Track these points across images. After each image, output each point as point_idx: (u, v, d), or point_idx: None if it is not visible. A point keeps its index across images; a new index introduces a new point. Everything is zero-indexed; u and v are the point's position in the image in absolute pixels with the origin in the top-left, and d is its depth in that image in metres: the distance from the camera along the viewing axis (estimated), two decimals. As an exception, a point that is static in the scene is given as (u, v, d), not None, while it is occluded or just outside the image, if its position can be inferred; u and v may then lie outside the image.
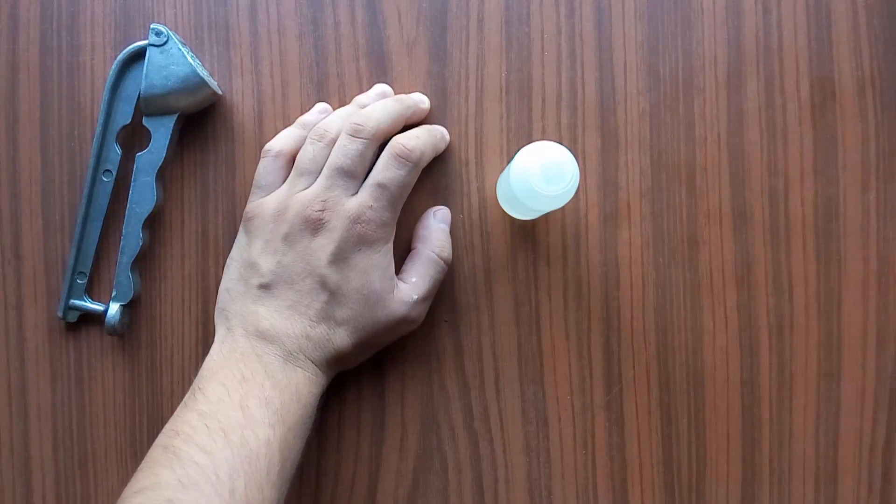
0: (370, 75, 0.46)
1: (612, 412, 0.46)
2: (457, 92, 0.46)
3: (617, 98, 0.46)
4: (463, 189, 0.46)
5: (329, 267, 0.40)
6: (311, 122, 0.44)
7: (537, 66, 0.46)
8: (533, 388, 0.46)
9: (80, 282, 0.46)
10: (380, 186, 0.41)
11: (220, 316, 0.42)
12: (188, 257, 0.47)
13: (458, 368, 0.46)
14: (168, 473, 0.34)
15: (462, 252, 0.46)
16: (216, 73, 0.47)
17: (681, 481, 0.46)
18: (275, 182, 0.43)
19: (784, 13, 0.46)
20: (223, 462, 0.35)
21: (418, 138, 0.43)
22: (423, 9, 0.46)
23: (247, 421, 0.36)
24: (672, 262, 0.46)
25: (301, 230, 0.41)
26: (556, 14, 0.46)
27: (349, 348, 0.41)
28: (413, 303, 0.42)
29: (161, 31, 0.43)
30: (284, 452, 0.37)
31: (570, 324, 0.46)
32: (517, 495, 0.46)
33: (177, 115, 0.45)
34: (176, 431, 0.36)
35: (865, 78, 0.45)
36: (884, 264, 0.45)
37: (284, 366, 0.40)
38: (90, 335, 0.47)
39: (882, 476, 0.45)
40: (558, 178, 0.38)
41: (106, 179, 0.46)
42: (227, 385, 0.38)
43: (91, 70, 0.47)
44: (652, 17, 0.46)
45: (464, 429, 0.46)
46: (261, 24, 0.46)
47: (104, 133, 0.45)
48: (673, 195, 0.46)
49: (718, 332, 0.46)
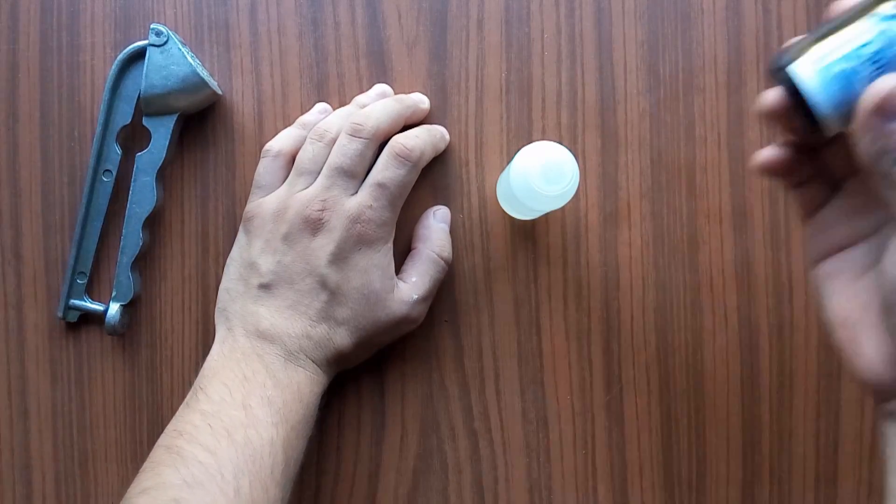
0: (370, 75, 0.46)
1: (612, 412, 0.46)
2: (457, 92, 0.46)
3: (617, 98, 0.46)
4: (463, 189, 0.46)
5: (329, 266, 0.40)
6: (311, 122, 0.44)
7: (537, 66, 0.46)
8: (533, 388, 0.46)
9: (80, 282, 0.46)
10: (379, 186, 0.41)
11: (221, 316, 0.42)
12: (188, 257, 0.47)
13: (458, 368, 0.46)
14: (172, 473, 0.34)
15: (462, 252, 0.46)
16: (216, 73, 0.47)
17: (681, 481, 0.46)
18: (275, 182, 0.43)
19: (784, 13, 0.46)
20: (228, 461, 0.35)
21: (418, 138, 0.43)
22: (423, 9, 0.46)
23: (250, 420, 0.36)
24: (672, 262, 0.46)
25: (301, 230, 0.41)
26: (556, 14, 0.46)
27: (349, 348, 0.41)
28: (413, 302, 0.42)
29: (161, 31, 0.43)
30: (288, 451, 0.37)
31: (570, 324, 0.46)
32: (517, 495, 0.46)
33: (177, 115, 0.45)
34: (179, 431, 0.36)
35: (865, 78, 0.45)
36: (884, 264, 0.45)
37: (286, 365, 0.40)
38: (90, 335, 0.47)
39: (882, 476, 0.45)
40: (558, 177, 0.38)
41: (106, 179, 0.46)
42: (228, 385, 0.38)
43: (91, 70, 0.47)
44: (652, 17, 0.46)
45: (464, 429, 0.46)
46: (261, 24, 0.47)
47: (104, 133, 0.45)
48: (673, 195, 0.46)
49: (718, 333, 0.46)
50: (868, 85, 0.28)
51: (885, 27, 0.29)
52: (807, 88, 0.29)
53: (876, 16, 0.29)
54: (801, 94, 0.29)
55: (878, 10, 0.29)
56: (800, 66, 0.30)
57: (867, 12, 0.29)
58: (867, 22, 0.29)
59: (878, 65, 0.29)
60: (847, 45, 0.29)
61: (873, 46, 0.29)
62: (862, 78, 0.29)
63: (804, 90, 0.29)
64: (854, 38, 0.29)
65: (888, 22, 0.29)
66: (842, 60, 0.29)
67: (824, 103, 0.29)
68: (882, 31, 0.29)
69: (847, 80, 0.29)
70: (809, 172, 0.34)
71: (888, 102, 0.27)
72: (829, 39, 0.30)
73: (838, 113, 0.29)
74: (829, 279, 0.33)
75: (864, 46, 0.29)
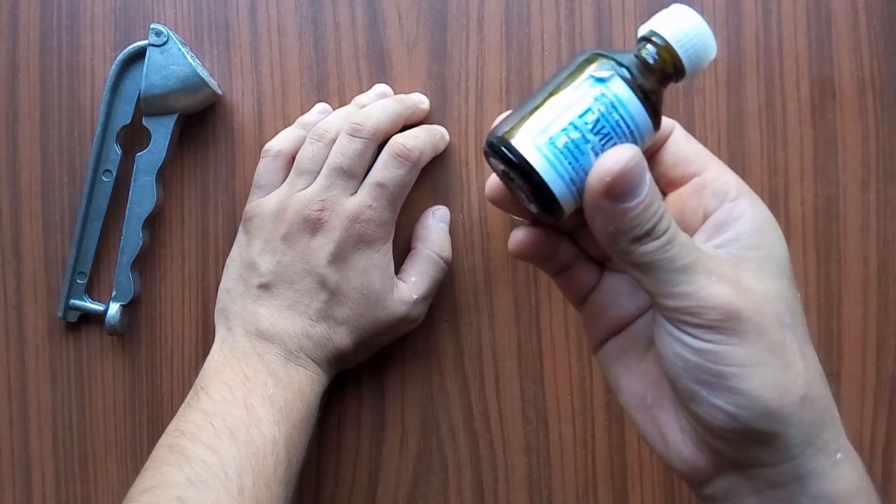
0: (370, 75, 0.46)
1: (612, 412, 0.46)
2: (457, 92, 0.46)
3: (617, 98, 0.46)
4: (463, 189, 0.46)
5: (328, 266, 0.40)
6: (311, 123, 0.44)
7: (537, 66, 0.46)
8: (533, 388, 0.46)
9: (80, 282, 0.46)
10: (379, 186, 0.41)
11: (220, 316, 0.42)
12: (188, 257, 0.47)
13: (458, 368, 0.46)
14: (176, 472, 0.34)
15: (462, 252, 0.46)
16: (216, 73, 0.47)
17: (681, 481, 0.45)
18: (274, 182, 0.43)
19: (784, 13, 0.46)
20: (231, 460, 0.35)
21: (417, 137, 0.43)
22: (423, 9, 0.46)
23: (252, 419, 0.37)
24: (672, 262, 0.46)
25: (300, 230, 0.41)
26: (556, 14, 0.46)
27: (349, 347, 0.41)
28: (413, 302, 0.42)
29: (161, 31, 0.43)
30: (290, 450, 0.37)
31: (570, 324, 0.46)
32: (517, 495, 0.46)
33: (177, 115, 0.45)
34: (181, 431, 0.36)
35: (865, 78, 0.45)
36: (884, 264, 0.45)
37: (286, 365, 0.40)
38: (90, 335, 0.47)
39: (882, 476, 0.45)
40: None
41: (106, 179, 0.46)
42: (230, 384, 0.38)
43: (91, 70, 0.47)
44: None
45: (464, 429, 0.46)
46: (261, 24, 0.47)
47: (104, 133, 0.45)
48: (673, 195, 0.46)
49: (718, 332, 0.46)
50: (594, 160, 0.26)
51: (599, 91, 0.26)
52: (537, 167, 0.26)
53: (590, 78, 0.26)
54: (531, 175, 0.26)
55: (588, 70, 0.27)
56: (523, 145, 0.26)
57: (580, 72, 0.27)
58: (583, 86, 0.26)
59: (602, 135, 0.26)
60: (567, 114, 0.26)
61: (593, 115, 0.26)
62: (588, 152, 0.26)
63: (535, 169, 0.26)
64: (573, 107, 0.26)
65: (601, 85, 0.26)
66: (565, 132, 0.26)
67: (558, 181, 0.26)
68: (597, 96, 0.26)
69: (574, 154, 0.26)
70: (569, 256, 0.32)
71: (617, 184, 0.25)
72: (548, 110, 0.26)
73: (570, 190, 0.27)
74: (615, 361, 0.32)
75: (585, 115, 0.26)
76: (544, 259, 0.32)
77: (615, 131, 0.26)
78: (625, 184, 0.25)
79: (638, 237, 0.26)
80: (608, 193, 0.26)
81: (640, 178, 0.26)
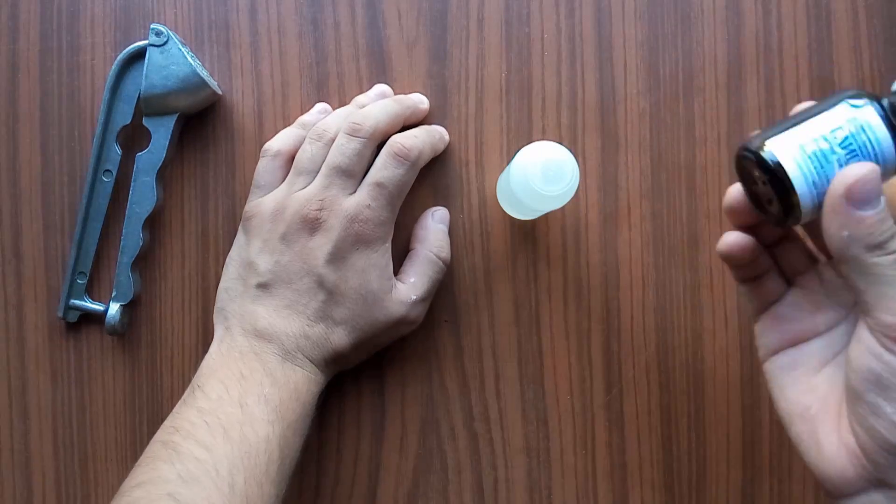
0: (370, 75, 0.46)
1: (612, 412, 0.46)
2: (457, 92, 0.46)
3: (617, 98, 0.46)
4: (463, 189, 0.46)
5: (326, 266, 0.40)
6: (311, 122, 0.44)
7: (537, 66, 0.46)
8: (533, 388, 0.46)
9: (80, 282, 0.46)
10: (378, 185, 0.41)
11: (219, 315, 0.42)
12: (188, 257, 0.47)
13: (458, 368, 0.46)
14: (168, 468, 0.34)
15: (462, 252, 0.46)
16: (216, 73, 0.47)
17: (681, 481, 0.46)
18: (274, 181, 0.43)
19: (784, 13, 0.46)
20: (223, 458, 0.35)
21: (416, 137, 0.43)
22: (423, 9, 0.46)
23: (246, 418, 0.37)
24: (672, 262, 0.46)
25: (299, 229, 0.41)
26: (556, 14, 0.46)
27: (347, 348, 0.41)
28: (411, 303, 0.42)
29: (161, 31, 0.43)
30: (284, 449, 0.37)
31: (570, 324, 0.46)
32: (517, 495, 0.46)
33: (177, 115, 0.45)
34: (175, 428, 0.36)
35: (865, 78, 0.45)
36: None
37: (283, 364, 0.40)
38: (90, 335, 0.47)
39: None
40: (558, 177, 0.38)
41: (106, 179, 0.46)
42: (226, 383, 0.38)
43: (91, 70, 0.47)
44: (652, 17, 0.46)
45: (464, 429, 0.46)
46: (261, 24, 0.47)
47: (104, 133, 0.45)
48: (673, 195, 0.46)
49: (718, 332, 0.46)
50: (838, 170, 0.29)
51: (852, 115, 0.29)
52: (786, 167, 0.29)
53: (846, 103, 0.30)
54: (779, 175, 0.30)
55: (846, 98, 0.30)
56: (776, 149, 0.30)
57: (838, 101, 0.30)
58: (838, 109, 0.30)
59: (848, 150, 0.29)
60: (819, 128, 0.30)
61: (843, 132, 0.29)
62: (833, 162, 0.29)
63: (784, 169, 0.30)
64: (826, 123, 0.30)
65: (856, 109, 0.30)
66: (815, 142, 0.29)
67: (802, 184, 0.29)
68: (850, 118, 0.29)
69: (820, 161, 0.29)
70: (765, 266, 0.34)
71: (857, 189, 0.28)
72: (802, 126, 0.30)
73: (812, 195, 0.30)
74: (786, 372, 0.33)
75: (836, 131, 0.29)
76: (745, 263, 0.34)
77: (861, 150, 0.29)
78: (864, 191, 0.28)
79: (871, 246, 0.28)
80: (848, 196, 0.28)
81: (877, 191, 0.28)
